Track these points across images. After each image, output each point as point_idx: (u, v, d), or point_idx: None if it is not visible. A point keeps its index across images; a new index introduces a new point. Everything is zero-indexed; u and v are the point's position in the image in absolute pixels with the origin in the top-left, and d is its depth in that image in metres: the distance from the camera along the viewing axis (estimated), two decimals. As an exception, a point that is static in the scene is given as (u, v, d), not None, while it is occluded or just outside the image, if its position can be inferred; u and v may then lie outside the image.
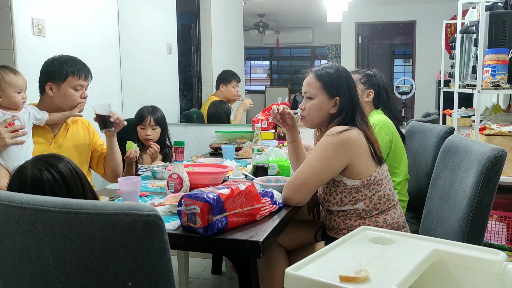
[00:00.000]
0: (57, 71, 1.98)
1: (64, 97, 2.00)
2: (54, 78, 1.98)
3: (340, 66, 1.72)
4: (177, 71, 3.89)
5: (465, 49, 2.74)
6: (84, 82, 2.05)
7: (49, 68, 2.00)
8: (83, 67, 2.05)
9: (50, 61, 2.02)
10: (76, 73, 2.01)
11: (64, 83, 1.99)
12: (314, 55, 6.08)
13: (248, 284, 1.33)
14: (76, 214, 0.81)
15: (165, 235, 0.82)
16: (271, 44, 5.84)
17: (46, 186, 1.15)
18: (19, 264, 0.88)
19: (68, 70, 1.99)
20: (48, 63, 2.02)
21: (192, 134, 3.29)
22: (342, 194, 1.62)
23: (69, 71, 1.99)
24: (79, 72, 2.01)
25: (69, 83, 2.00)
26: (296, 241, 1.83)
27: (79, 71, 2.02)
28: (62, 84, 1.99)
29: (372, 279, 0.89)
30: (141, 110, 2.52)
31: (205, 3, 4.07)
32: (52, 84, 1.99)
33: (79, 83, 2.02)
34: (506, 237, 2.38)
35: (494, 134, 2.16)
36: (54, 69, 1.99)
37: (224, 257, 2.83)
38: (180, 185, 1.68)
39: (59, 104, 2.01)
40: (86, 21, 2.84)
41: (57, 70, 1.98)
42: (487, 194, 1.37)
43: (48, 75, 1.99)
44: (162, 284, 0.84)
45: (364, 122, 1.65)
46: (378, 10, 4.47)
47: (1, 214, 0.87)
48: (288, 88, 5.87)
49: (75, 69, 2.01)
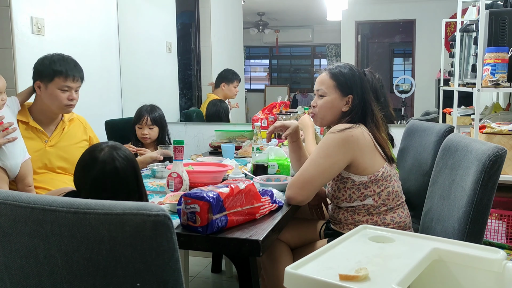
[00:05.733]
0: (45, 70, 1.94)
1: (50, 98, 1.95)
2: (42, 77, 1.94)
3: (354, 66, 1.72)
4: (177, 70, 3.89)
5: (464, 48, 2.74)
6: (72, 83, 1.96)
7: (39, 67, 1.96)
8: (72, 68, 1.97)
9: (41, 59, 1.97)
10: (64, 74, 1.93)
11: (51, 83, 1.94)
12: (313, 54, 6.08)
13: (248, 283, 1.33)
14: (84, 214, 0.81)
15: (174, 235, 0.82)
16: (271, 42, 5.84)
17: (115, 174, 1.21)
18: (27, 264, 0.88)
19: (56, 70, 1.93)
20: (40, 61, 1.97)
21: (191, 133, 3.29)
22: (350, 191, 1.62)
23: (56, 72, 1.93)
24: (67, 73, 1.94)
25: (56, 84, 1.94)
26: (299, 238, 1.84)
27: (68, 72, 1.94)
28: (49, 84, 1.94)
29: (372, 278, 0.89)
30: (140, 109, 2.52)
31: (205, 2, 4.07)
32: (40, 83, 1.95)
33: (66, 85, 1.94)
34: (506, 236, 2.38)
35: (494, 133, 2.16)
36: (43, 68, 1.94)
37: (224, 256, 2.83)
38: (179, 184, 1.68)
39: (47, 103, 1.97)
40: (86, 20, 2.84)
41: (45, 70, 1.94)
42: (487, 193, 1.37)
43: (37, 74, 1.96)
44: (170, 285, 0.83)
45: (375, 125, 1.66)
46: (378, 9, 4.47)
47: (8, 214, 0.87)
48: (288, 87, 5.87)
49: (63, 70, 1.94)
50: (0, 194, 0.88)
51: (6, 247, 0.89)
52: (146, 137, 2.45)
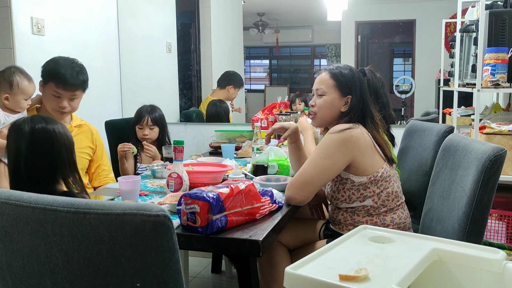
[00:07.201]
0: (45, 71, 1.96)
1: (45, 99, 1.99)
2: (42, 77, 1.97)
3: (353, 67, 1.73)
4: (177, 70, 3.89)
5: (464, 48, 2.74)
6: (63, 92, 1.93)
7: (44, 66, 1.98)
8: (71, 77, 1.93)
9: (50, 60, 1.99)
10: (56, 80, 1.92)
11: (46, 85, 1.96)
12: (313, 54, 6.08)
13: (248, 283, 1.33)
14: (85, 214, 0.81)
15: (174, 235, 0.82)
16: (271, 43, 5.83)
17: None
18: (28, 263, 0.88)
19: (52, 74, 1.92)
20: (48, 61, 1.99)
21: (191, 133, 3.29)
22: (350, 191, 1.62)
23: (51, 76, 1.93)
24: (59, 80, 1.91)
25: (49, 88, 1.95)
26: (298, 239, 1.84)
27: (61, 80, 1.91)
28: (45, 86, 1.97)
29: (372, 278, 0.89)
30: (140, 109, 2.52)
31: (205, 2, 4.07)
32: (42, 83, 1.99)
33: (57, 91, 1.93)
34: (505, 236, 2.38)
35: (494, 133, 2.15)
36: (45, 68, 1.97)
37: (224, 256, 2.83)
38: (179, 184, 1.68)
39: (44, 103, 2.00)
40: (86, 20, 2.84)
41: (45, 70, 1.96)
42: (487, 193, 1.37)
43: (41, 73, 1.98)
44: (170, 285, 0.83)
45: (373, 126, 1.66)
46: (378, 9, 4.47)
47: (10, 214, 0.87)
48: (288, 87, 5.87)
49: (58, 76, 1.91)
50: (2, 194, 0.88)
51: (8, 247, 0.89)
52: (146, 138, 2.45)
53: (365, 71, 1.88)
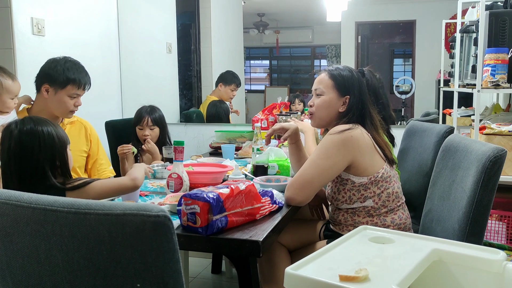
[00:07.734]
0: (59, 77, 1.94)
1: (58, 103, 1.96)
2: (53, 82, 1.94)
3: (353, 69, 1.74)
4: (177, 70, 3.89)
5: (464, 49, 2.74)
6: (82, 92, 2.01)
7: (51, 71, 1.94)
8: (84, 77, 2.00)
9: (53, 64, 1.95)
10: (77, 83, 1.97)
11: (62, 90, 1.95)
12: (313, 55, 6.07)
13: (248, 283, 1.33)
14: (85, 214, 0.81)
15: (174, 236, 0.82)
16: (271, 43, 5.83)
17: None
18: (28, 264, 0.88)
19: (70, 79, 1.94)
20: (52, 65, 1.95)
21: (192, 134, 3.29)
22: (350, 192, 1.62)
23: (70, 80, 1.94)
24: (80, 82, 1.97)
25: (67, 91, 1.95)
26: (298, 240, 1.84)
27: (81, 81, 1.97)
28: (60, 90, 1.95)
29: (372, 279, 0.89)
30: (139, 110, 2.52)
31: (205, 2, 4.07)
32: (49, 87, 1.95)
33: (77, 93, 1.98)
34: (506, 237, 2.38)
35: (494, 134, 2.16)
36: (56, 74, 1.94)
37: (224, 256, 2.83)
38: (180, 184, 1.68)
39: (52, 108, 1.97)
40: (86, 20, 2.84)
41: (59, 76, 1.94)
42: (487, 194, 1.37)
43: (48, 78, 1.94)
44: (171, 286, 0.83)
45: (373, 126, 1.66)
46: (378, 10, 4.47)
47: (10, 214, 0.87)
48: (288, 88, 5.86)
49: (77, 79, 1.96)
50: (2, 194, 0.88)
51: (8, 247, 0.89)
52: (147, 138, 2.45)
53: (364, 71, 1.88)
